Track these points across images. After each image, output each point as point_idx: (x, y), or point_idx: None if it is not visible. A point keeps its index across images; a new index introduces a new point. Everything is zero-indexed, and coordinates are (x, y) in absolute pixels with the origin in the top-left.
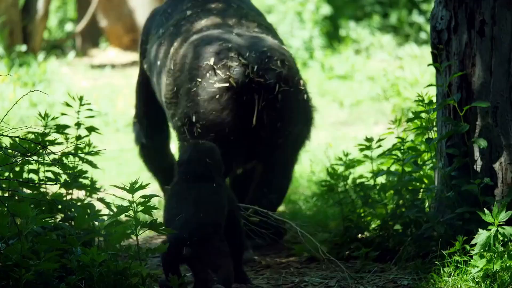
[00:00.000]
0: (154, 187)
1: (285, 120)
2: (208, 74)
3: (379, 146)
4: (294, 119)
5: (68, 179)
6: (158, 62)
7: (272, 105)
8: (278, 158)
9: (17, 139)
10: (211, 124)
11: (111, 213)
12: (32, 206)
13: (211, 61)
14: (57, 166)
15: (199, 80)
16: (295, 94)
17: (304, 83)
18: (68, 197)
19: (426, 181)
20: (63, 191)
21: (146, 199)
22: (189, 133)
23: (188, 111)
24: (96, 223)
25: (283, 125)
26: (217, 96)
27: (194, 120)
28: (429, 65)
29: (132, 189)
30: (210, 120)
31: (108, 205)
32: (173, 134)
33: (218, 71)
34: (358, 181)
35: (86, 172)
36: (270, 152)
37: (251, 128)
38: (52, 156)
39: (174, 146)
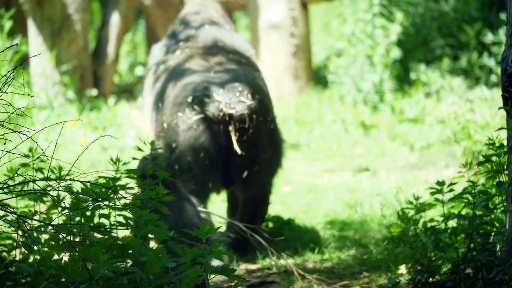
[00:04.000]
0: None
1: (256, 147)
2: (187, 110)
3: (451, 190)
4: (264, 146)
5: (139, 224)
6: (149, 98)
7: (244, 134)
8: (256, 185)
9: (88, 184)
10: (188, 149)
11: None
12: (103, 250)
13: (189, 99)
14: (128, 211)
15: (180, 114)
16: (264, 123)
17: (273, 114)
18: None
19: (497, 224)
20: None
21: (217, 243)
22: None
23: (169, 141)
24: (168, 267)
25: (256, 152)
26: (194, 126)
27: (173, 146)
28: (499, 108)
29: (203, 232)
30: (188, 145)
31: (179, 249)
32: None
33: (195, 107)
34: (429, 224)
35: (157, 216)
36: (247, 177)
37: (226, 155)
38: (123, 201)
39: None
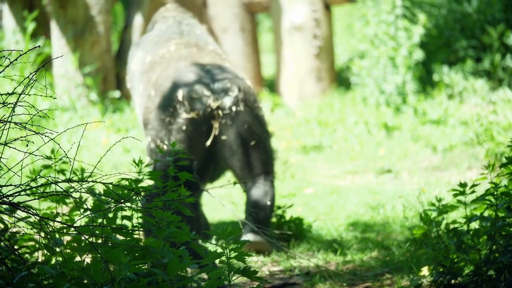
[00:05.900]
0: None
1: (249, 122)
2: (178, 106)
3: (473, 191)
4: (256, 124)
5: (160, 226)
6: (141, 86)
7: (234, 119)
8: (257, 163)
9: (110, 185)
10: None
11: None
12: (125, 252)
13: (180, 94)
14: (150, 212)
15: (171, 110)
16: (252, 109)
17: (260, 105)
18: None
19: None
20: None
21: (239, 245)
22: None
23: (162, 137)
24: (189, 269)
25: (248, 127)
26: (185, 127)
27: (163, 139)
28: None
29: (225, 234)
30: (179, 140)
31: (201, 251)
32: None
33: (185, 103)
34: (452, 226)
35: (178, 218)
36: (247, 152)
37: (222, 143)
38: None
39: None
